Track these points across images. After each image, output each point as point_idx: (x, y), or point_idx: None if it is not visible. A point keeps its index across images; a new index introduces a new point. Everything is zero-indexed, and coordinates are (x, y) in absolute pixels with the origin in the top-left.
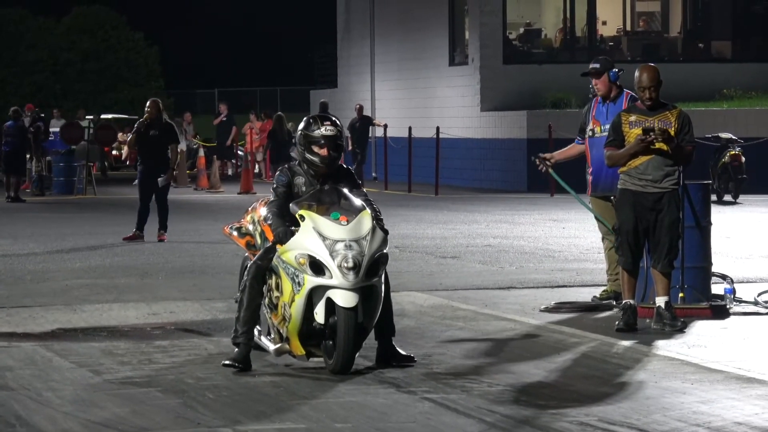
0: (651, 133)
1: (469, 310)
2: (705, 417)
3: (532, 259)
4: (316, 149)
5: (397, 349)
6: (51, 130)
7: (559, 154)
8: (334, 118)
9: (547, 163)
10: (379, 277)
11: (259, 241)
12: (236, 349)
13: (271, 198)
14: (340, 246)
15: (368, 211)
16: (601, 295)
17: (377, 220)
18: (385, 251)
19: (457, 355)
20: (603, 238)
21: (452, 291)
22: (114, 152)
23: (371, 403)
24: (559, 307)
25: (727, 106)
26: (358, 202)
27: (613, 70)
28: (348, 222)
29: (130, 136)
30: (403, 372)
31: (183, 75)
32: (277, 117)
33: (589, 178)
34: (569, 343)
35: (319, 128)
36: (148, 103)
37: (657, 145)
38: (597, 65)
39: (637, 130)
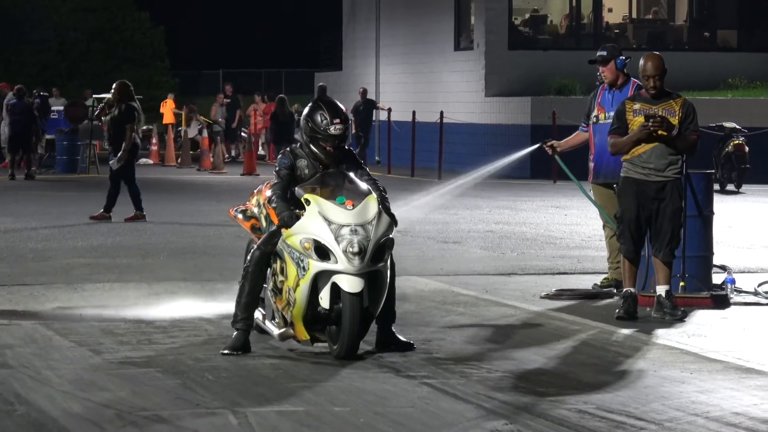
0: (650, 120)
1: (470, 295)
2: (703, 407)
3: (533, 246)
4: (321, 143)
5: (397, 335)
6: (53, 108)
7: (565, 143)
8: (342, 110)
9: (557, 150)
10: (384, 261)
11: (264, 224)
12: (234, 334)
13: (274, 180)
14: (345, 231)
15: (374, 195)
16: (602, 282)
17: (383, 202)
18: (390, 236)
19: (456, 341)
20: (604, 226)
21: (453, 276)
22: None
23: (370, 387)
24: (559, 294)
25: (732, 95)
26: (363, 185)
27: (620, 57)
28: (354, 206)
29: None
30: (402, 357)
31: (188, 56)
32: (279, 99)
33: (591, 165)
34: (569, 330)
35: (329, 126)
36: (114, 85)
37: (660, 132)
38: (604, 53)
39: (641, 119)
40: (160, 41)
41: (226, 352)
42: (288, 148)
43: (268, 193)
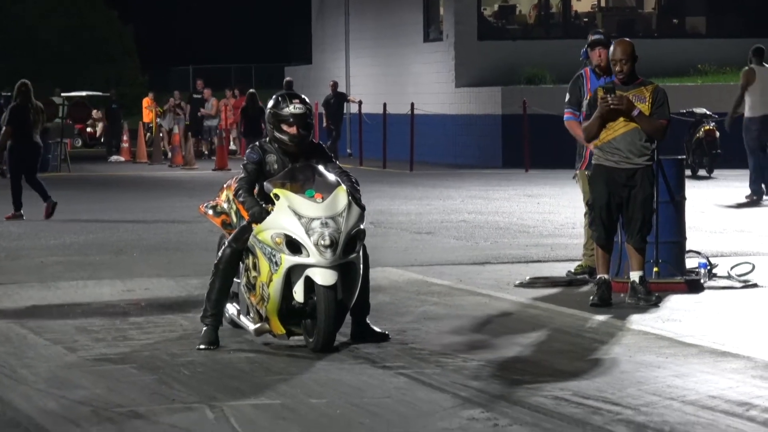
0: (609, 96)
1: (444, 285)
2: (679, 391)
3: (506, 235)
4: (285, 128)
5: (372, 327)
6: None
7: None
8: (302, 97)
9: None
10: (357, 253)
11: (234, 219)
12: (204, 329)
13: (241, 174)
14: (316, 224)
15: (343, 187)
16: (575, 269)
17: (353, 193)
18: (362, 227)
19: (432, 331)
20: (585, 213)
21: (427, 266)
22: (88, 129)
23: (346, 379)
24: (533, 282)
25: (702, 81)
26: (332, 178)
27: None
28: (323, 199)
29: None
30: (377, 348)
31: (158, 52)
32: (249, 94)
33: (587, 152)
34: (544, 318)
35: (287, 106)
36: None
37: (616, 107)
38: (602, 36)
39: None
40: (129, 39)
41: (202, 347)
42: (257, 143)
43: (236, 186)
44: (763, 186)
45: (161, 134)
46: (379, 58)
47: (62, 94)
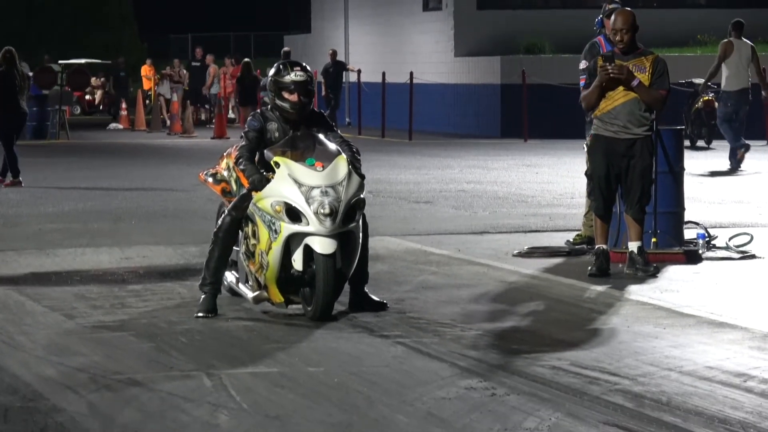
0: (608, 65)
1: (443, 254)
2: (677, 361)
3: (505, 204)
4: (286, 95)
5: (370, 295)
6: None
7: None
8: (303, 65)
9: None
10: (356, 222)
11: (234, 187)
12: (203, 297)
13: (242, 143)
14: (316, 192)
15: (344, 156)
16: (574, 239)
17: (354, 163)
18: (362, 196)
19: (430, 300)
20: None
21: (425, 236)
22: (87, 97)
23: (344, 347)
24: (531, 252)
25: (701, 51)
26: (333, 146)
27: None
28: (323, 168)
29: None
30: (376, 317)
31: (157, 20)
32: (244, 63)
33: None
34: (542, 287)
35: (288, 74)
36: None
37: (617, 77)
38: (618, 5)
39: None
40: (128, 6)
41: (200, 315)
42: (259, 111)
43: (236, 154)
44: (738, 153)
45: (160, 102)
46: (378, 27)
47: (60, 62)
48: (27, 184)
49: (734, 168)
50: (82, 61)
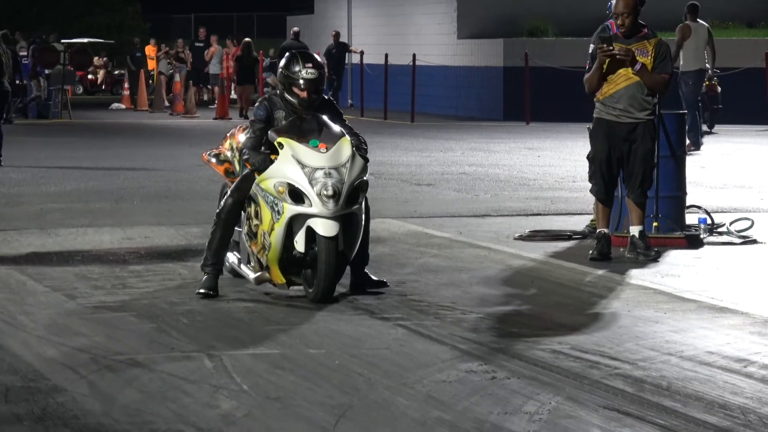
0: (605, 45)
1: (444, 237)
2: (677, 346)
3: (506, 187)
4: (296, 90)
5: (370, 275)
6: (22, 54)
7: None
8: (316, 58)
9: None
10: (359, 204)
11: (237, 168)
12: (205, 277)
13: (248, 134)
14: (319, 174)
15: (347, 137)
16: (591, 223)
17: (358, 148)
18: (365, 178)
19: (431, 283)
20: None
21: (427, 218)
22: (89, 76)
23: (345, 329)
24: (533, 236)
25: None
26: (337, 128)
27: None
28: (327, 149)
29: None
30: (376, 299)
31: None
32: (245, 43)
33: None
34: (543, 271)
35: (300, 70)
36: None
37: (619, 57)
38: None
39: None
40: None
41: (201, 291)
42: (266, 96)
43: (242, 143)
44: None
45: (160, 81)
46: (381, 9)
47: (63, 41)
48: (29, 164)
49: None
50: (85, 40)
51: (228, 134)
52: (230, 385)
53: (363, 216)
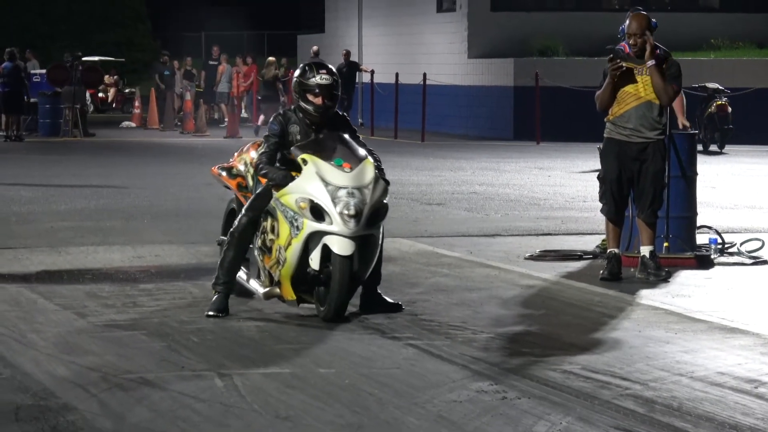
0: (617, 60)
1: (454, 257)
2: (688, 367)
3: (517, 207)
4: (310, 97)
5: (384, 297)
6: (34, 72)
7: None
8: (330, 67)
9: None
10: (378, 227)
11: (250, 183)
12: (215, 296)
13: (263, 149)
14: (342, 193)
15: (371, 159)
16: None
17: (379, 170)
18: (385, 201)
19: (441, 302)
20: None
21: (437, 238)
22: (100, 94)
23: (355, 348)
24: (543, 255)
25: (714, 56)
26: (360, 150)
27: (653, 20)
28: (351, 169)
29: None
30: (387, 318)
31: (170, 18)
32: (268, 61)
33: None
34: (553, 291)
35: (314, 76)
36: None
37: (627, 65)
38: (641, 10)
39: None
40: (140, 2)
41: (211, 313)
42: (280, 112)
43: (256, 159)
44: None
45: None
46: (391, 28)
47: (78, 54)
48: (39, 182)
49: None
50: (96, 58)
51: (243, 149)
52: (241, 404)
53: (380, 239)
